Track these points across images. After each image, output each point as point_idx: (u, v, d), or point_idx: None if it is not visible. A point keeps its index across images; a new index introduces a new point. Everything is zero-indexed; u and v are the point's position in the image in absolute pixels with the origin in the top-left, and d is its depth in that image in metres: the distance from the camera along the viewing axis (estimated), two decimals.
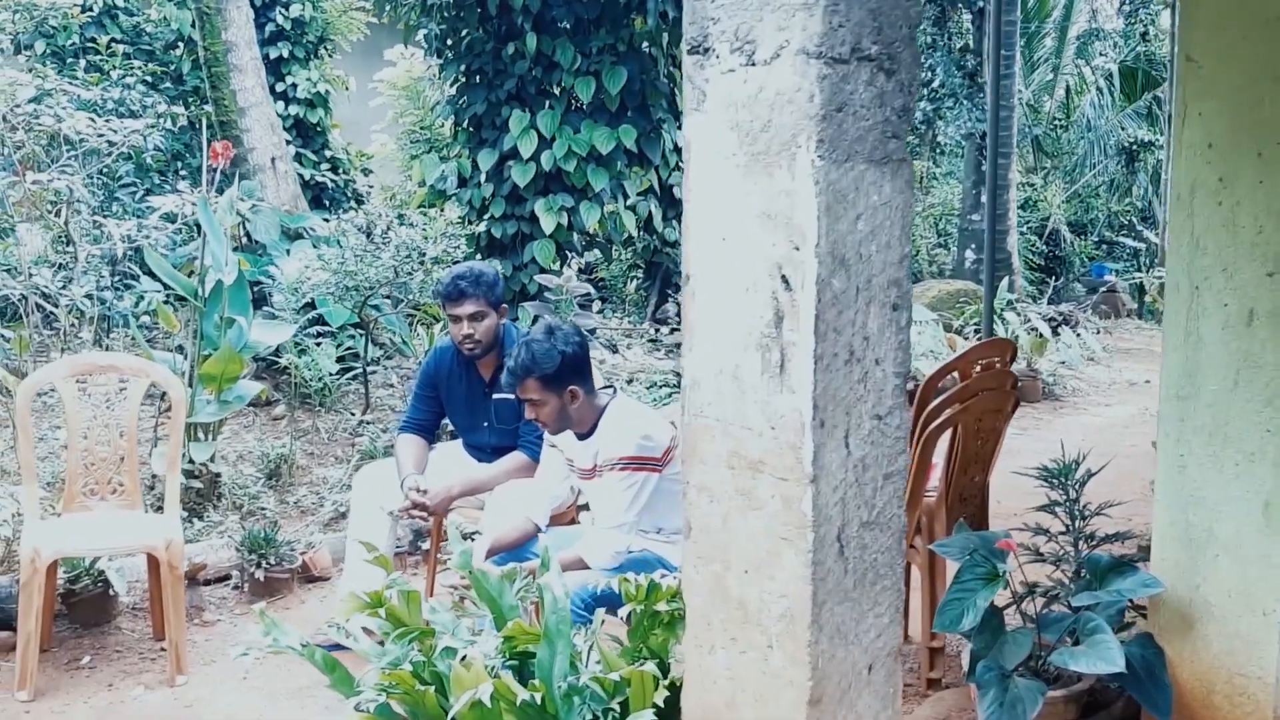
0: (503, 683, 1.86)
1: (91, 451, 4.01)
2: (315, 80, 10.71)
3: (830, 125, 1.67)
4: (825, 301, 1.69)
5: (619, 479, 3.18)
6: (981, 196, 15.75)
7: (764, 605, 1.78)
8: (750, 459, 1.78)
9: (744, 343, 1.76)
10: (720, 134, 1.77)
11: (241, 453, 5.94)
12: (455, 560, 2.42)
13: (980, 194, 15.78)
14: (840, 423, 1.74)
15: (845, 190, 1.70)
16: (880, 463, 1.81)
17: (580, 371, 3.27)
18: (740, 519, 1.80)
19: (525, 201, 7.99)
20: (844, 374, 1.73)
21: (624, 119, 8.07)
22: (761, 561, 1.77)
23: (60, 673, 3.85)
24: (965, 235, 15.94)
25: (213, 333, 5.09)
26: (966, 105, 15.48)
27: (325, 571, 4.80)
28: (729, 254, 1.78)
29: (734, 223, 1.77)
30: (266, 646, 2.14)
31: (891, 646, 1.88)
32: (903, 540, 1.87)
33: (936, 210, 19.14)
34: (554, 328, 3.27)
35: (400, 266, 6.04)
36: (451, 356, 4.10)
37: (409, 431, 4.12)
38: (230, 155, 5.11)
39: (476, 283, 3.87)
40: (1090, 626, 3.11)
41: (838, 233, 1.69)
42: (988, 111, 7.39)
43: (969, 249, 15.73)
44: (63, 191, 5.84)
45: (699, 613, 1.88)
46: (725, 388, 1.80)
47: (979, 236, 15.58)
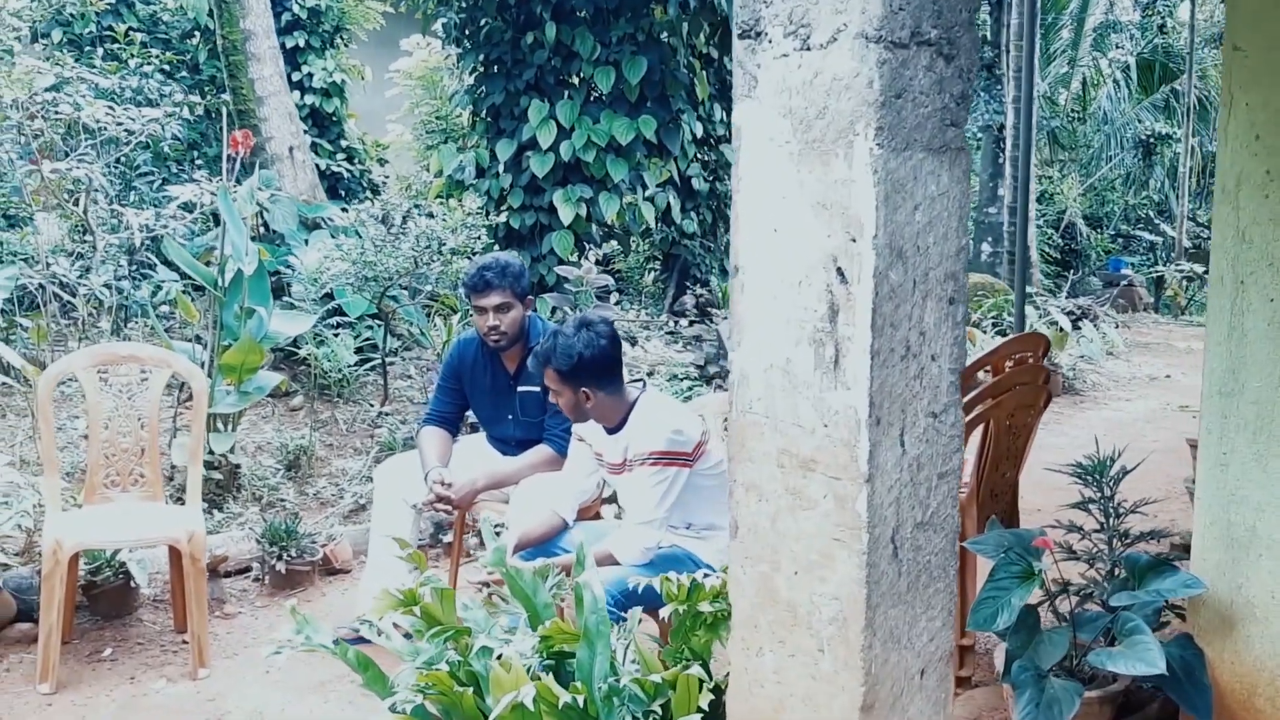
0: (545, 685, 1.81)
1: (113, 442, 3.97)
2: (331, 70, 10.67)
3: (889, 112, 1.61)
4: (882, 295, 1.63)
5: (649, 474, 3.13)
6: (999, 189, 15.66)
7: (815, 608, 1.72)
8: (801, 457, 1.72)
9: (796, 337, 1.71)
10: (772, 121, 1.72)
11: (260, 444, 5.90)
12: (488, 556, 2.38)
13: (998, 187, 15.68)
14: (896, 420, 1.68)
15: (903, 180, 1.64)
16: (935, 461, 1.76)
17: (597, 375, 3.20)
18: (790, 519, 1.75)
19: (544, 192, 7.94)
20: (900, 370, 1.68)
21: (643, 109, 8.01)
22: (813, 563, 1.72)
23: (82, 665, 3.82)
24: (982, 228, 15.84)
25: (233, 323, 5.05)
26: (984, 97, 15.36)
27: (346, 564, 4.76)
28: (780, 245, 1.72)
29: (786, 213, 1.71)
30: (300, 644, 2.09)
31: (944, 650, 1.83)
32: (956, 541, 1.81)
33: None
34: (587, 323, 3.21)
35: (420, 257, 5.98)
36: (476, 348, 4.05)
37: (432, 424, 4.07)
38: (250, 144, 5.06)
39: (503, 273, 3.82)
40: (1129, 627, 3.05)
41: (895, 224, 1.64)
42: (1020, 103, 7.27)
43: (985, 242, 15.63)
44: (82, 180, 5.81)
45: (746, 614, 1.83)
46: (775, 383, 1.75)
47: (996, 229, 15.48)
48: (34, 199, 6.35)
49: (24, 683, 3.66)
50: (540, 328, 3.98)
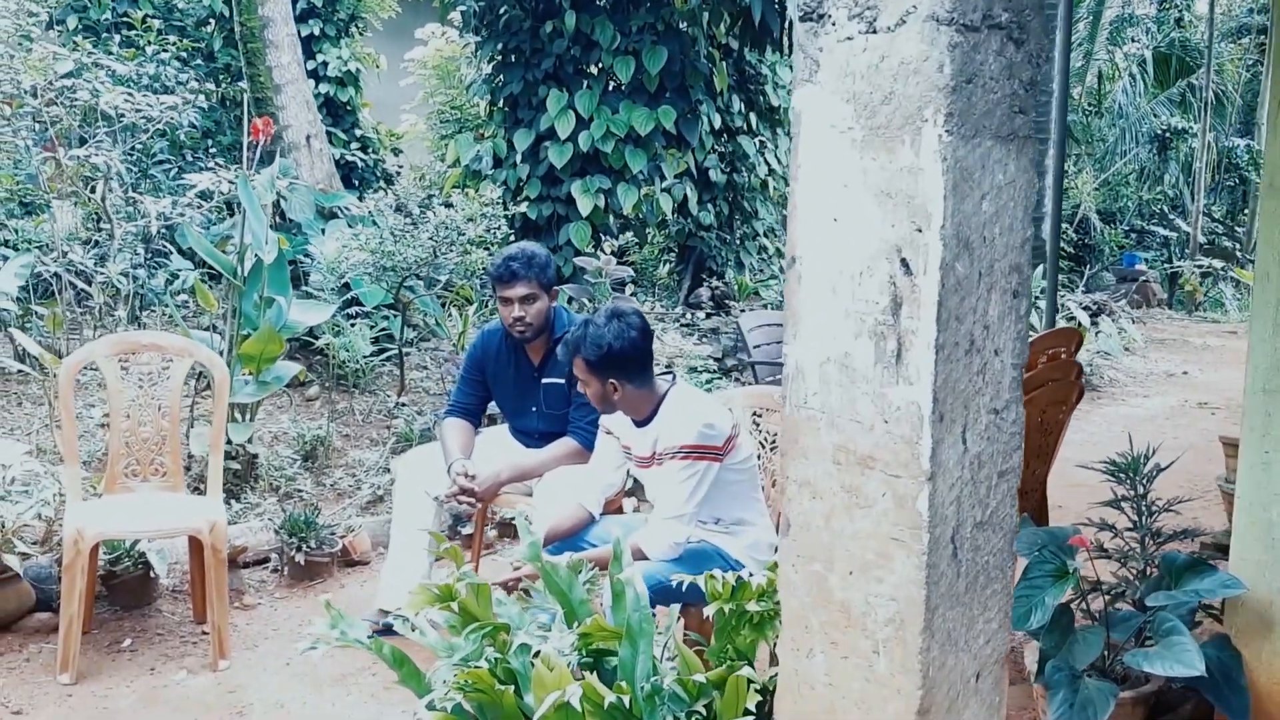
0: (590, 684, 1.76)
1: (133, 432, 3.93)
2: (346, 58, 10.60)
3: (959, 98, 1.56)
4: (948, 287, 1.58)
5: (679, 468, 3.08)
6: None
7: (870, 609, 1.68)
8: (859, 454, 1.67)
9: (855, 330, 1.66)
10: (834, 106, 1.66)
11: (276, 434, 5.86)
12: (523, 550, 2.33)
13: None
14: (958, 417, 1.63)
15: (971, 168, 1.59)
16: (995, 460, 1.71)
17: (627, 367, 3.15)
18: (846, 517, 1.70)
19: (561, 183, 7.88)
20: (964, 365, 1.63)
21: (662, 100, 7.94)
22: (869, 563, 1.67)
23: (101, 656, 3.78)
24: None
25: (251, 312, 5.00)
26: None
27: (365, 556, 4.73)
28: (841, 235, 1.67)
29: (847, 202, 1.66)
30: (334, 639, 2.04)
31: (1000, 653, 1.78)
32: (1014, 542, 1.76)
33: None
34: (618, 314, 3.16)
35: (438, 247, 5.93)
36: (500, 339, 4.00)
37: (455, 415, 4.02)
38: (271, 131, 5.02)
39: (529, 264, 3.77)
40: (1166, 627, 3.00)
41: (963, 214, 1.59)
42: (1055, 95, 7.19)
43: None
44: (100, 167, 5.77)
45: (796, 614, 1.78)
46: (833, 377, 1.70)
47: None
48: (50, 186, 6.31)
49: (44, 672, 3.63)
50: (566, 319, 3.94)
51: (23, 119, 6.19)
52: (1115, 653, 3.13)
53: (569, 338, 3.17)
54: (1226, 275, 15.57)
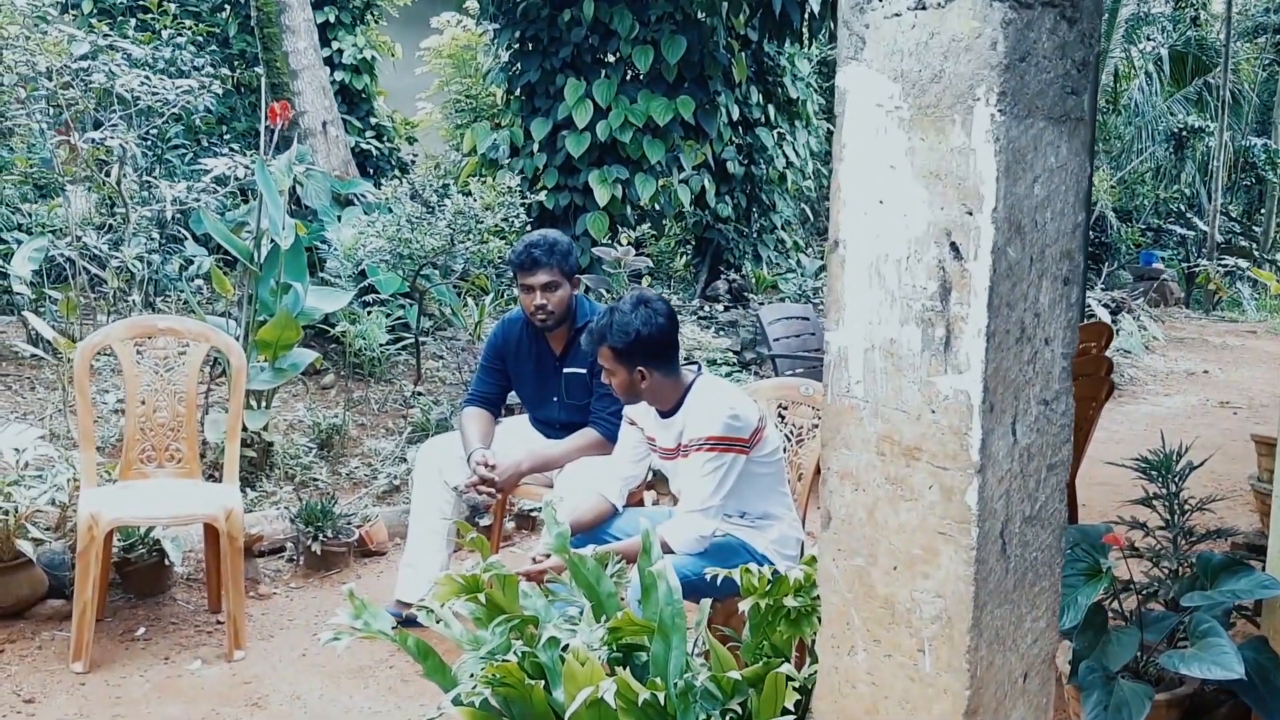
0: (624, 680, 1.71)
1: (149, 417, 3.89)
2: (361, 46, 10.56)
3: (1013, 76, 1.49)
4: (1000, 272, 1.52)
5: (705, 460, 3.02)
6: None
7: (915, 605, 1.62)
8: (904, 444, 1.61)
9: (902, 316, 1.60)
10: (881, 85, 1.60)
11: (292, 422, 5.82)
12: (550, 543, 2.28)
13: None
14: (1008, 407, 1.57)
15: (1024, 150, 1.52)
16: (1045, 452, 1.65)
17: (655, 355, 3.10)
18: (890, 510, 1.64)
19: (579, 172, 7.83)
20: (1014, 353, 1.57)
21: (681, 90, 7.88)
22: (914, 558, 1.61)
23: (115, 644, 3.74)
24: None
25: (268, 298, 4.96)
26: None
27: (381, 546, 4.68)
28: (887, 218, 1.61)
29: (894, 183, 1.60)
30: (359, 630, 1.99)
31: (1048, 652, 1.72)
32: (1062, 537, 1.70)
33: None
34: (644, 301, 3.10)
35: (456, 235, 5.88)
36: (521, 328, 3.95)
37: (474, 404, 3.97)
38: (289, 116, 4.96)
39: (551, 251, 3.72)
40: (1203, 628, 2.94)
41: (1015, 196, 1.52)
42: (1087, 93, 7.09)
43: None
44: (115, 151, 5.72)
45: (837, 610, 1.72)
46: (877, 365, 1.64)
47: None
48: (67, 170, 6.28)
49: (57, 660, 3.59)
50: (588, 308, 3.88)
51: (37, 102, 6.15)
52: (1148, 654, 3.07)
53: (593, 326, 3.11)
54: (1243, 275, 15.45)
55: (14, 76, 5.70)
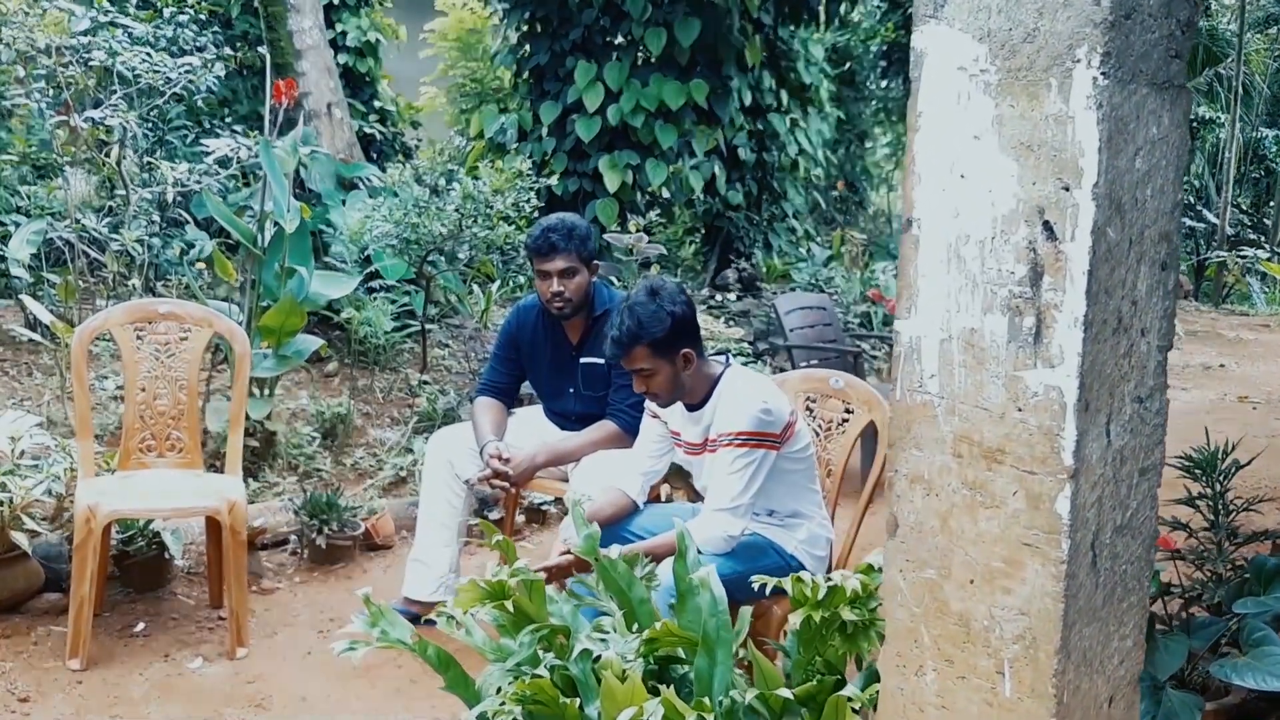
0: (670, 700, 1.56)
1: (149, 405, 3.74)
2: (365, 29, 10.38)
3: (1118, 35, 1.34)
4: (1099, 255, 1.37)
5: (735, 456, 2.86)
6: None
7: (995, 623, 1.47)
8: (985, 446, 1.46)
9: (986, 303, 1.44)
10: (964, 45, 1.44)
11: (295, 410, 5.67)
12: (579, 545, 2.12)
13: None
14: (1103, 406, 1.42)
15: (1126, 119, 1.37)
16: (1138, 455, 1.49)
17: (692, 333, 2.96)
18: (967, 518, 1.49)
19: (589, 157, 7.65)
20: (1110, 345, 1.41)
21: (694, 74, 7.70)
22: (994, 571, 1.46)
23: (113, 640, 3.59)
24: None
25: (272, 283, 4.80)
26: None
27: (388, 540, 4.53)
28: (969, 194, 1.45)
29: (978, 155, 1.44)
30: (375, 639, 1.84)
31: (1134, 674, 1.57)
32: (1153, 548, 1.55)
33: None
34: (657, 287, 2.94)
35: (464, 220, 5.71)
36: (536, 315, 3.79)
37: (487, 394, 3.82)
38: (295, 95, 4.80)
39: (569, 236, 3.55)
40: (1256, 636, 2.78)
41: (1116, 170, 1.37)
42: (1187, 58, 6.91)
43: None
44: (116, 130, 5.56)
45: (904, 626, 1.57)
46: (955, 358, 1.49)
47: None
48: (66, 150, 6.11)
49: (53, 657, 3.44)
50: (606, 295, 3.72)
51: (36, 81, 5.98)
52: (1193, 662, 2.93)
53: (616, 335, 2.90)
54: (1253, 267, 15.28)
55: (12, 54, 5.53)
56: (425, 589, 3.69)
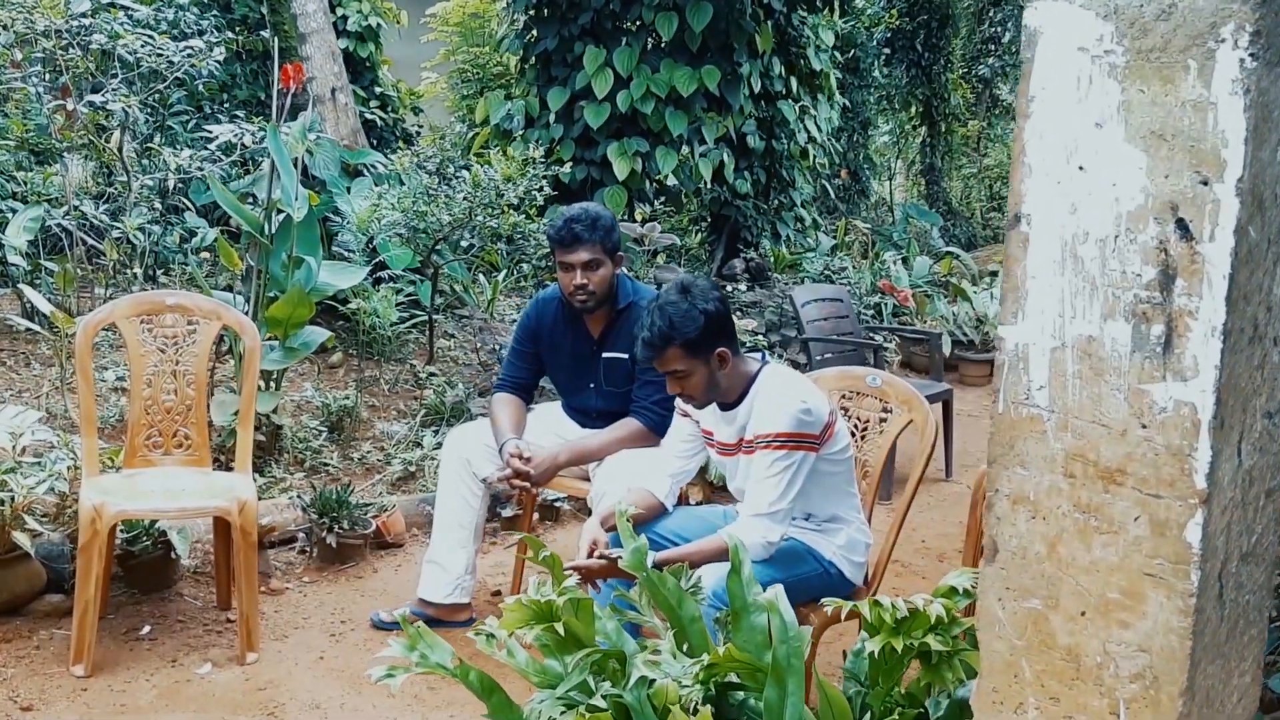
0: None
1: (156, 400, 3.60)
2: (366, 13, 10.20)
3: (1269, 13, 1.20)
4: (1240, 257, 1.23)
5: (774, 458, 2.73)
6: None
7: (1109, 660, 1.34)
8: (1103, 465, 1.33)
9: (1106, 308, 1.31)
10: (1087, 23, 1.30)
11: (299, 403, 5.52)
12: (627, 560, 1.99)
13: None
14: (1236, 423, 1.29)
15: (1272, 105, 1.23)
16: (1265, 476, 1.36)
17: (727, 331, 2.83)
18: (1079, 544, 1.36)
19: (597, 145, 7.48)
20: (1245, 357, 1.28)
21: (705, 60, 7.53)
22: (1110, 603, 1.33)
23: (118, 644, 3.46)
24: None
25: (279, 273, 4.65)
26: None
27: (399, 538, 4.40)
28: (1089, 188, 1.32)
29: (1100, 145, 1.30)
30: (414, 665, 1.71)
31: (1250, 711, 1.44)
32: (1273, 575, 1.42)
33: (993, 173, 18.51)
34: (688, 285, 2.80)
35: (474, 209, 5.55)
36: (556, 308, 3.65)
37: (506, 390, 3.68)
38: (302, 79, 4.63)
39: (593, 226, 3.41)
40: None
41: (1259, 163, 1.23)
42: None
43: None
44: (117, 115, 5.40)
45: (1002, 660, 1.44)
46: (1069, 368, 1.35)
47: None
48: (65, 135, 5.95)
49: (56, 663, 3.30)
50: (630, 288, 3.58)
51: (33, 64, 5.82)
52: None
53: (648, 335, 2.76)
54: None
55: (10, 36, 5.36)
56: (441, 591, 3.57)
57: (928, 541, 4.59)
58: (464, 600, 3.60)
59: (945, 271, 9.99)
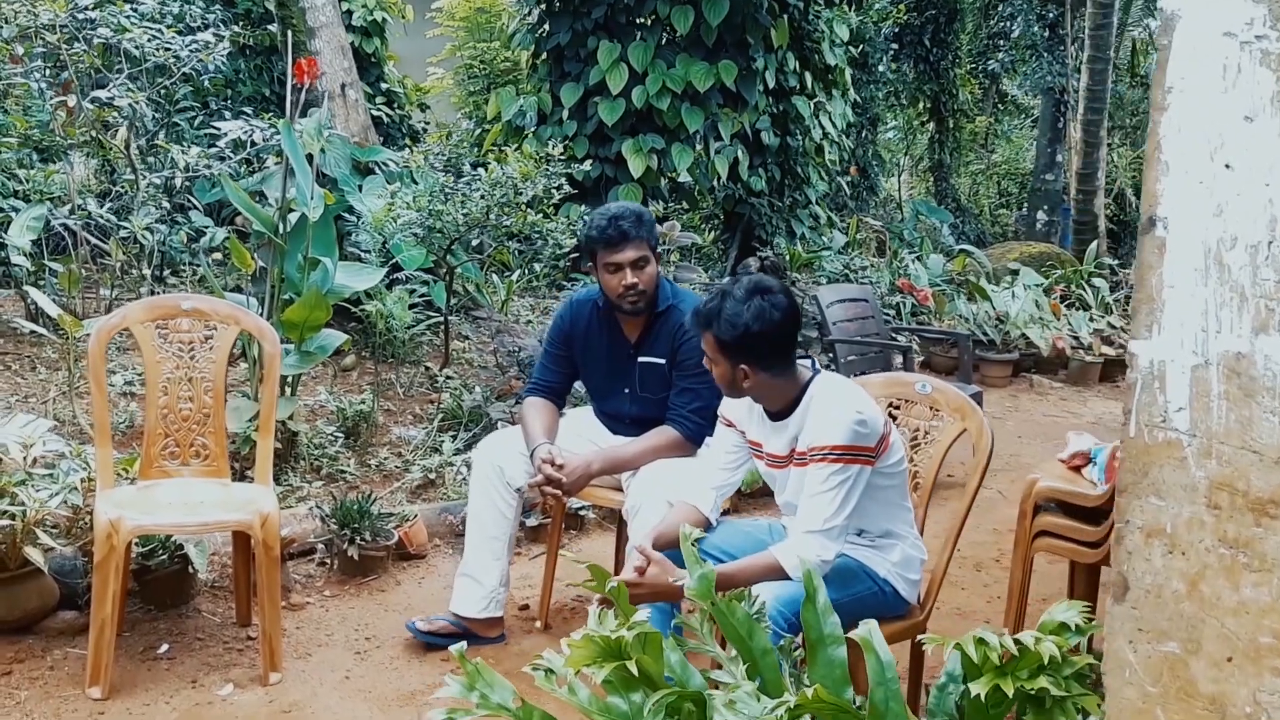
0: None
1: (172, 409, 3.46)
2: (372, 7, 10.08)
3: None
4: None
5: (829, 472, 2.60)
6: (1057, 155, 15.03)
7: (1261, 711, 1.21)
8: (1253, 496, 1.20)
9: (1258, 322, 1.18)
10: (1233, 7, 1.17)
11: (313, 407, 5.39)
12: (693, 588, 1.86)
13: (1056, 153, 15.05)
14: None
15: None
16: None
17: (763, 353, 2.66)
18: (1224, 583, 1.23)
19: (611, 142, 7.35)
20: None
21: (721, 54, 7.39)
22: (1261, 649, 1.20)
23: (135, 664, 3.32)
24: (1038, 196, 15.23)
25: (295, 275, 4.51)
26: (1047, 58, 14.70)
27: (421, 548, 4.26)
28: (1237, 188, 1.19)
29: (1251, 141, 1.17)
30: (475, 707, 1.58)
31: None
32: None
33: (1001, 169, 18.40)
34: (762, 289, 2.66)
35: (493, 208, 5.42)
36: (591, 310, 3.52)
37: (538, 394, 3.56)
38: (317, 74, 4.50)
39: (639, 222, 3.28)
40: None
41: None
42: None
43: (1041, 210, 15.04)
44: (125, 111, 5.27)
45: (1133, 707, 1.31)
46: (1214, 388, 1.22)
47: (1053, 197, 14.88)
48: (69, 132, 5.81)
49: (71, 684, 3.17)
50: (669, 291, 3.46)
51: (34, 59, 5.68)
52: None
53: (702, 308, 2.68)
54: None
55: (14, 29, 5.22)
56: (475, 605, 3.44)
57: (962, 550, 4.45)
58: (498, 614, 3.48)
59: (959, 269, 9.87)
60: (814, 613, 1.79)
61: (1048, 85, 14.69)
